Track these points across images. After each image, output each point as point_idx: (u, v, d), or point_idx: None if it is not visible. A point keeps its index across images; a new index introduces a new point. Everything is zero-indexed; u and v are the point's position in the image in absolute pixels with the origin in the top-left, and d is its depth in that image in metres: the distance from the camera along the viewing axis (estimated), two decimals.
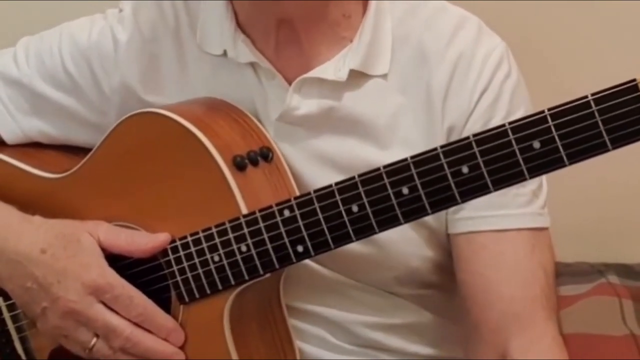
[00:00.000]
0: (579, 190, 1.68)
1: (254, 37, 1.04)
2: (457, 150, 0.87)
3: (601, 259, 1.74)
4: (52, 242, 1.01)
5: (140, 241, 1.01)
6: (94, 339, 1.00)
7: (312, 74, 1.02)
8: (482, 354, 1.02)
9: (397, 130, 1.03)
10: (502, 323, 1.00)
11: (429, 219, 1.03)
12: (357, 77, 1.02)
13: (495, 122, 1.00)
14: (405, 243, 1.04)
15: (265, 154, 1.01)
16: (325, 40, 1.03)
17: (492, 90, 1.01)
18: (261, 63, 1.03)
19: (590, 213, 1.76)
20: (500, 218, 1.01)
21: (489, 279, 1.01)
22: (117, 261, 1.02)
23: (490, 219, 1.01)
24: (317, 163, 1.03)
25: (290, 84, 1.03)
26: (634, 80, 0.80)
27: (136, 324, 0.99)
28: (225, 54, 1.05)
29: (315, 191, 0.93)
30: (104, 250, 1.01)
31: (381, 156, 1.00)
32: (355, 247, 1.02)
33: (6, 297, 1.10)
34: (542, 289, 1.01)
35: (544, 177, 1.04)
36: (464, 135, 0.89)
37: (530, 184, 1.02)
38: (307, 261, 1.04)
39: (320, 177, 1.01)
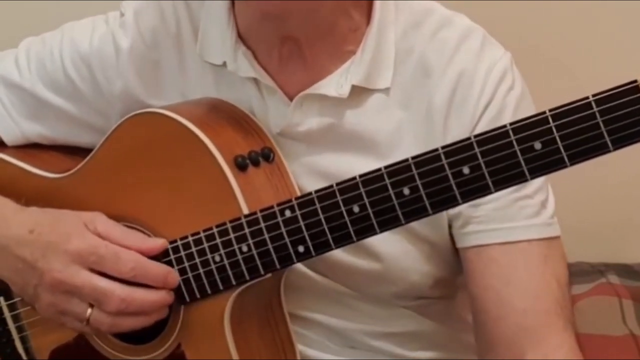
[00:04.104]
0: (579, 190, 1.68)
1: (256, 50, 1.03)
2: (458, 150, 0.86)
3: (601, 259, 1.74)
4: (40, 220, 1.01)
5: (137, 239, 1.00)
6: (89, 310, 0.98)
7: (314, 90, 1.01)
8: None
9: (398, 146, 1.02)
10: (516, 337, 0.99)
11: (430, 233, 1.03)
12: (359, 92, 1.01)
13: None
14: (405, 258, 1.04)
15: (266, 155, 1.01)
16: (330, 55, 1.02)
17: (496, 104, 1.00)
18: (262, 79, 1.02)
19: (590, 213, 1.76)
20: (508, 230, 1.00)
21: (501, 292, 0.99)
22: None
23: (498, 231, 1.00)
24: (317, 178, 1.02)
25: (291, 98, 1.02)
26: (635, 81, 0.79)
27: (130, 281, 0.97)
28: (225, 65, 1.04)
29: (316, 191, 0.93)
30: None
31: None
32: (355, 260, 1.02)
33: (7, 296, 1.10)
34: (557, 299, 0.99)
35: (549, 186, 1.03)
36: None
37: (538, 195, 1.01)
38: (307, 271, 1.04)
39: None
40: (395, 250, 1.01)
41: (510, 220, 1.00)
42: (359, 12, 1.02)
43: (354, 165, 1.01)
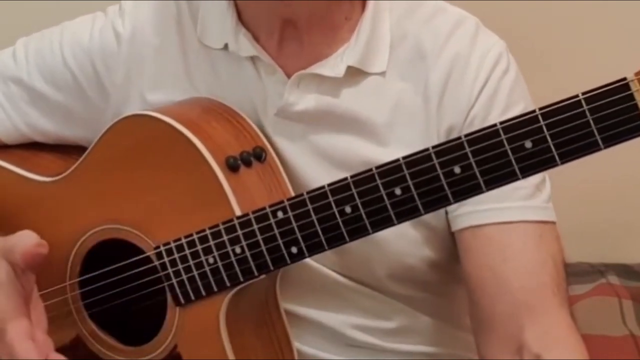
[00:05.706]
0: (579, 190, 1.68)
1: (257, 33, 1.04)
2: (449, 150, 0.86)
3: (601, 259, 1.74)
4: None
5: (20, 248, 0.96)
6: None
7: (310, 70, 1.03)
8: (496, 348, 1.01)
9: (394, 128, 1.03)
10: (514, 314, 1.00)
11: (428, 217, 1.03)
12: (355, 74, 1.03)
13: (493, 116, 1.01)
14: (403, 241, 1.04)
15: (258, 154, 1.01)
16: (327, 41, 1.04)
17: (491, 86, 1.02)
18: (262, 57, 1.03)
19: (590, 213, 1.76)
20: (503, 211, 1.01)
21: (498, 271, 1.00)
22: (111, 263, 1.03)
23: (493, 211, 1.01)
24: (315, 159, 1.04)
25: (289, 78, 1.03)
26: (625, 78, 0.79)
27: None
28: (225, 47, 1.05)
29: (308, 192, 0.93)
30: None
31: (379, 154, 1.00)
32: (351, 243, 1.02)
33: None
34: (552, 277, 1.00)
35: (546, 172, 1.04)
36: (466, 132, 0.88)
37: (533, 178, 1.00)
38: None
39: (319, 173, 1.02)
40: (393, 233, 1.00)
41: (505, 200, 1.00)
42: (355, 1, 1.04)
43: (352, 145, 1.03)
